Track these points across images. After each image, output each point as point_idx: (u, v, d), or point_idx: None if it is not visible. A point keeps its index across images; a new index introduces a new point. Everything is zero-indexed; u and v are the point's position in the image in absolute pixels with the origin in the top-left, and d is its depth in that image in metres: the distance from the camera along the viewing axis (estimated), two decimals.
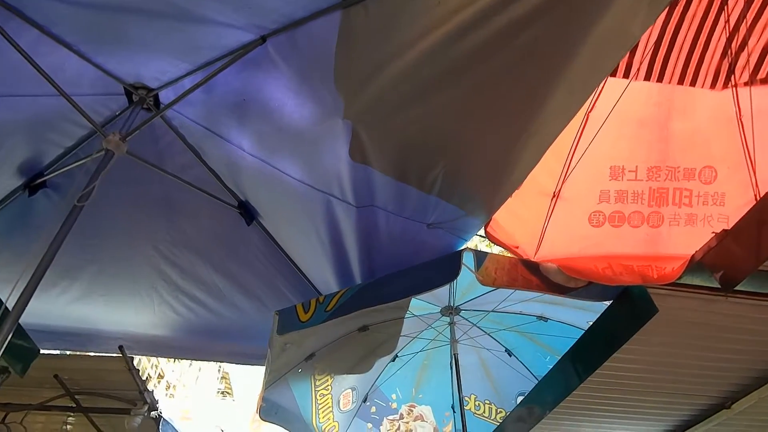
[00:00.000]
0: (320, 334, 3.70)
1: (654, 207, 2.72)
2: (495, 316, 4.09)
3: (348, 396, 4.41)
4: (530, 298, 3.67)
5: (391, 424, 4.67)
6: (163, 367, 18.85)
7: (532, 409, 3.69)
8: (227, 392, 24.43)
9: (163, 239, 3.37)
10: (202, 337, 3.90)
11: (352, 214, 2.82)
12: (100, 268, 3.44)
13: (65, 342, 3.60)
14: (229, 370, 26.92)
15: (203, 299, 3.65)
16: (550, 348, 4.14)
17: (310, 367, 3.99)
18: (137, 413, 3.66)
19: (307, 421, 4.14)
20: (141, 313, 3.69)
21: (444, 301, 4.02)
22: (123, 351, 3.28)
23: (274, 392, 3.81)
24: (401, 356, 4.48)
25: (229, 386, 25.93)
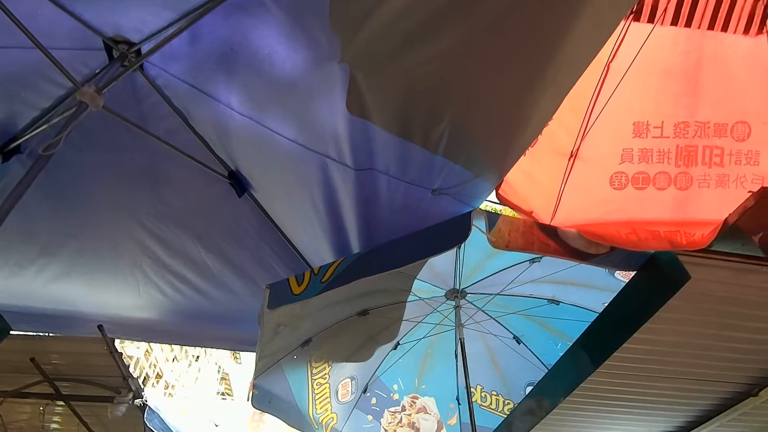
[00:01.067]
0: (317, 318, 3.46)
1: (682, 167, 2.48)
2: (503, 300, 3.85)
3: (347, 386, 4.16)
4: (541, 277, 3.43)
5: (393, 416, 4.42)
6: (162, 367, 18.61)
7: (541, 400, 3.45)
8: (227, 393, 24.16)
9: (147, 212, 3.13)
10: (191, 320, 3.66)
11: (350, 178, 2.59)
12: (80, 245, 3.21)
13: (43, 325, 3.36)
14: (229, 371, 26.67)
15: (191, 279, 3.42)
16: (562, 334, 3.89)
17: (306, 354, 3.75)
18: (121, 401, 3.42)
19: (303, 411, 3.89)
20: (125, 293, 3.45)
21: (449, 284, 3.77)
22: (103, 331, 3.04)
23: (267, 380, 3.57)
24: (403, 344, 4.23)
25: (229, 387, 25.65)
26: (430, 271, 3.56)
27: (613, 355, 2.61)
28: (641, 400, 3.18)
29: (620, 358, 2.65)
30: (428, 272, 3.57)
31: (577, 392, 3.03)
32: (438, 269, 3.57)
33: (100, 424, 4.04)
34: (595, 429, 3.73)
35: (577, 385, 2.97)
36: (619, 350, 2.58)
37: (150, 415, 3.44)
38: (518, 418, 3.83)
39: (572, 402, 3.21)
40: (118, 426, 4.05)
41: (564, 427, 3.77)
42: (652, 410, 3.33)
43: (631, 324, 2.46)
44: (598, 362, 2.74)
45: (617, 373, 2.85)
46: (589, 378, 2.86)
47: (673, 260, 2.21)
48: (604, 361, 2.70)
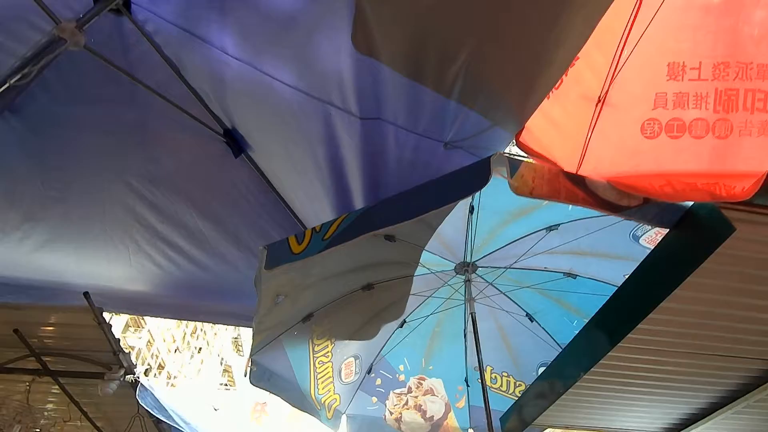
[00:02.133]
0: (318, 290, 3.25)
1: (721, 113, 2.23)
2: (516, 274, 3.63)
3: (350, 366, 3.96)
4: (558, 247, 3.21)
5: (399, 398, 4.22)
6: (164, 358, 18.54)
7: (554, 382, 3.25)
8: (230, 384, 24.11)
9: (137, 174, 2.93)
10: (186, 293, 3.46)
11: (356, 129, 2.37)
12: (66, 209, 3.00)
13: (29, 297, 3.16)
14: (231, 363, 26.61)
15: (185, 248, 3.22)
16: (578, 310, 3.68)
17: (307, 330, 3.55)
18: (112, 378, 3.23)
19: (305, 391, 3.69)
20: (115, 263, 3.25)
21: (458, 256, 3.55)
22: (89, 299, 2.84)
23: (266, 356, 3.37)
24: (410, 322, 4.02)
25: (231, 379, 25.61)
26: (438, 241, 3.34)
27: (636, 327, 2.41)
28: (662, 379, 2.97)
29: (643, 331, 2.44)
30: (437, 243, 3.36)
31: (594, 371, 2.83)
32: (447, 240, 3.36)
33: (91, 402, 3.86)
34: (611, 411, 3.53)
35: (595, 364, 2.77)
36: (643, 322, 2.38)
37: (142, 393, 3.25)
38: (530, 401, 3.63)
39: (588, 382, 3.00)
40: (109, 404, 3.87)
41: (579, 410, 3.57)
42: (673, 390, 3.12)
43: (657, 292, 2.25)
44: (617, 338, 2.54)
45: (639, 348, 2.65)
46: (608, 354, 2.66)
47: (714, 212, 1.99)
48: (626, 335, 2.50)
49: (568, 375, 3.05)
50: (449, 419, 4.30)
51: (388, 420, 4.19)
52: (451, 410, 4.30)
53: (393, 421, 4.20)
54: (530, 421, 3.62)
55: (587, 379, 2.92)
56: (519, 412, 3.76)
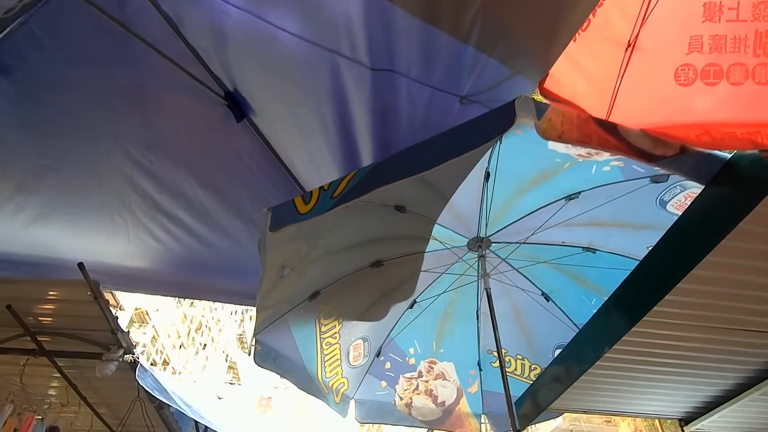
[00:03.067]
0: (325, 265, 3.09)
1: (761, 57, 2.05)
2: (532, 250, 3.46)
3: (359, 348, 3.80)
4: (578, 216, 3.02)
5: (409, 382, 4.06)
6: (169, 354, 18.45)
7: (570, 364, 3.08)
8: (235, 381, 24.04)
9: (134, 140, 2.78)
10: (187, 270, 3.31)
11: (365, 83, 2.21)
12: (60, 179, 2.85)
13: (22, 273, 3.02)
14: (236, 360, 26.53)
15: (186, 221, 3.07)
16: (597, 287, 3.50)
17: (314, 309, 3.39)
18: (110, 358, 3.08)
19: (312, 374, 3.53)
20: (113, 238, 3.10)
21: (472, 230, 3.38)
22: (84, 271, 2.69)
23: (271, 335, 3.21)
24: (420, 302, 3.85)
25: (237, 375, 25.53)
26: (451, 214, 3.17)
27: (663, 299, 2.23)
28: (687, 357, 2.80)
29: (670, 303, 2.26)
30: (449, 216, 3.19)
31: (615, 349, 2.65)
32: (460, 211, 3.19)
33: (90, 387, 3.72)
34: (632, 394, 3.36)
35: (615, 343, 2.60)
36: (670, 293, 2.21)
37: (142, 374, 3.10)
38: (545, 385, 3.45)
39: (608, 361, 2.82)
40: (109, 389, 3.73)
41: (597, 393, 3.40)
42: (698, 370, 2.94)
43: (687, 260, 2.08)
44: (641, 313, 2.36)
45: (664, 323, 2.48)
46: (631, 331, 2.48)
47: (757, 161, 1.82)
48: (650, 308, 2.33)
49: (586, 356, 2.88)
50: (461, 405, 4.13)
51: (398, 405, 4.03)
52: (463, 395, 4.13)
53: (403, 407, 4.04)
54: (546, 406, 3.44)
55: (607, 358, 2.75)
56: (534, 396, 3.58)
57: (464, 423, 4.11)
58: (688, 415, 3.60)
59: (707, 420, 3.47)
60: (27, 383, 3.36)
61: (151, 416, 3.84)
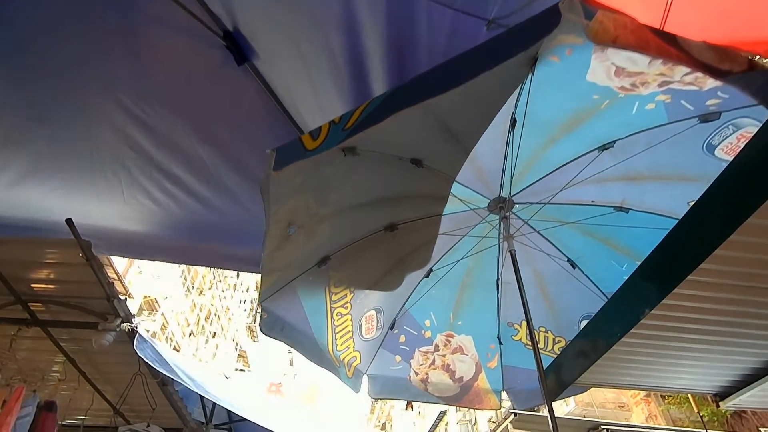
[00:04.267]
0: (336, 226, 2.85)
1: None
2: (558, 211, 3.19)
3: (371, 319, 3.57)
4: (611, 167, 2.75)
5: (424, 357, 3.83)
6: (179, 341, 18.42)
7: (597, 337, 2.82)
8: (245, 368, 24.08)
9: (126, 88, 2.54)
10: (186, 233, 3.09)
11: (380, 8, 1.95)
12: (48, 133, 2.63)
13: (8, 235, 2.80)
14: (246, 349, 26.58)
15: (183, 178, 2.84)
16: (629, 251, 3.23)
17: (323, 276, 3.16)
18: (106, 328, 2.87)
19: (322, 346, 3.31)
20: (107, 199, 2.89)
21: (494, 190, 3.12)
22: (72, 227, 2.47)
23: (278, 303, 2.99)
24: (436, 271, 3.60)
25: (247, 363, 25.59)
26: (472, 169, 2.91)
27: (712, 255, 1.96)
28: (732, 324, 2.53)
29: (718, 260, 2.00)
30: (470, 173, 2.93)
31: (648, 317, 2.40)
32: (482, 166, 2.93)
33: (90, 363, 3.53)
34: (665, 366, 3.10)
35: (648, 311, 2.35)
36: (721, 247, 1.94)
37: (141, 344, 2.89)
38: (570, 359, 3.20)
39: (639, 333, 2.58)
40: (110, 364, 3.55)
41: (628, 367, 3.15)
42: (742, 339, 2.68)
43: (741, 208, 1.80)
44: (677, 278, 2.10)
45: (710, 284, 2.21)
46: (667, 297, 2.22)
47: None
48: (695, 267, 2.06)
49: (615, 328, 2.62)
50: (480, 380, 3.90)
51: (413, 381, 3.80)
52: (482, 371, 3.90)
53: (419, 382, 3.81)
54: (571, 381, 3.18)
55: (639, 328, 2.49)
56: (558, 371, 3.33)
57: (483, 399, 3.88)
58: (724, 390, 3.34)
59: (745, 395, 3.21)
60: (22, 357, 3.17)
61: (154, 393, 3.65)
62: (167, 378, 3.66)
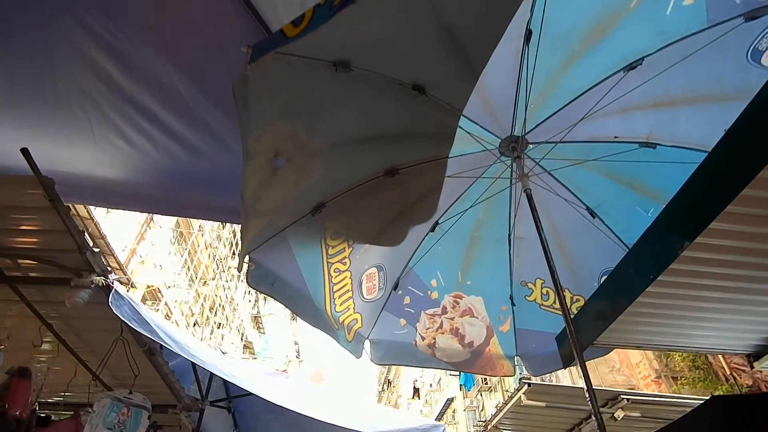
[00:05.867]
0: (330, 163, 2.56)
1: None
2: (577, 150, 2.88)
3: (373, 278, 3.28)
4: (637, 89, 2.43)
5: (431, 320, 3.54)
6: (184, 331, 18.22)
7: (618, 293, 2.53)
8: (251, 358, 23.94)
9: (90, 5, 2.24)
10: (166, 180, 2.80)
11: None
12: (6, 64, 2.34)
13: None
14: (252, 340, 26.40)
15: (161, 116, 2.54)
16: (656, 194, 2.92)
17: (318, 226, 2.87)
18: (79, 284, 2.60)
19: (319, 305, 3.03)
20: (76, 140, 2.60)
21: (505, 127, 2.81)
22: (29, 158, 2.18)
23: (268, 254, 2.71)
24: (442, 223, 3.30)
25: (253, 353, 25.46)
26: (480, 100, 2.60)
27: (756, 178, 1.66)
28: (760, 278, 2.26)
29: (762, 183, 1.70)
30: (478, 104, 2.62)
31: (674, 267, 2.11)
32: (492, 95, 2.62)
33: (70, 330, 3.27)
34: (693, 322, 2.82)
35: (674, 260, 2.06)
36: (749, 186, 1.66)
37: (118, 301, 2.62)
38: (589, 318, 2.91)
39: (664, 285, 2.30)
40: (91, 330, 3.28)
41: (651, 325, 2.88)
42: None
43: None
44: (706, 220, 1.82)
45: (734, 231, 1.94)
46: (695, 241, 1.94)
47: None
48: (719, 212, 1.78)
49: (638, 281, 2.34)
50: (492, 345, 3.61)
51: (420, 346, 3.52)
52: (493, 335, 3.61)
53: (425, 347, 3.53)
54: (590, 342, 2.89)
55: (664, 281, 2.21)
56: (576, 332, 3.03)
57: (496, 365, 3.60)
58: (758, 349, 3.06)
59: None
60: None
61: (144, 366, 3.38)
62: (155, 347, 3.39)
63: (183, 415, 4.34)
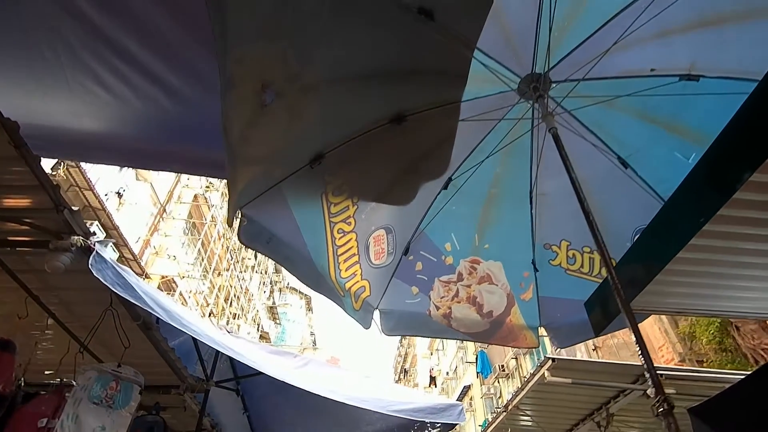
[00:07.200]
0: (327, 103, 2.27)
1: None
2: (607, 88, 2.55)
3: (381, 240, 3.00)
4: (674, 5, 2.09)
5: (446, 288, 3.25)
6: None
7: (653, 252, 2.22)
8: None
9: None
10: (150, 131, 2.55)
11: None
12: None
13: None
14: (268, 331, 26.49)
15: (139, 56, 2.28)
16: (699, 135, 2.57)
17: (318, 180, 2.60)
18: (59, 247, 2.36)
19: (322, 270, 2.76)
20: (49, 87, 2.35)
21: (525, 65, 2.49)
22: None
23: (262, 210, 2.45)
24: (456, 179, 3.00)
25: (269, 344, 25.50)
26: (498, 28, 2.29)
27: None
28: None
29: None
30: (495, 34, 2.30)
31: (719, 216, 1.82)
32: (511, 25, 2.31)
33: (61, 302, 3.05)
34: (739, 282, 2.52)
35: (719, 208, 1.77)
36: None
37: (100, 264, 2.38)
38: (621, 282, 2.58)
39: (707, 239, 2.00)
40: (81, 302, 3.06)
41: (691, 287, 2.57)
42: None
43: None
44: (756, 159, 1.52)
45: None
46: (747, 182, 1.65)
47: None
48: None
49: (676, 236, 2.04)
50: (513, 316, 3.31)
51: (434, 316, 3.24)
52: (514, 304, 3.31)
53: (440, 317, 3.24)
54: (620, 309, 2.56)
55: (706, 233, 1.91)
56: (606, 297, 2.72)
57: (518, 336, 3.30)
58: None
59: None
60: None
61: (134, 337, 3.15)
62: (150, 320, 3.16)
63: (187, 396, 4.12)
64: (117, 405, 2.65)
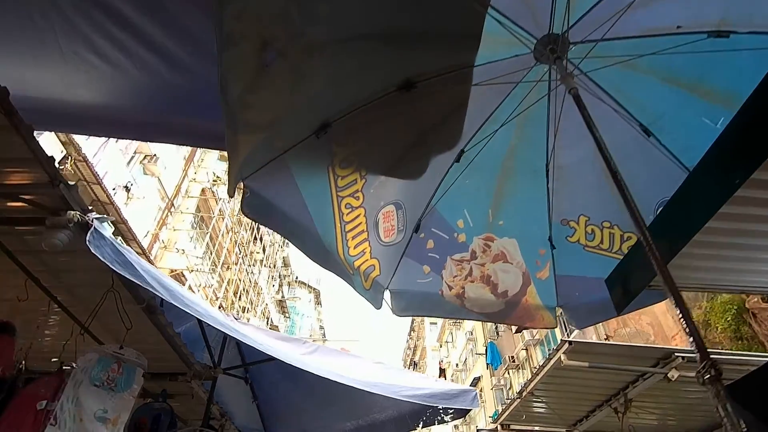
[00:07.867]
0: (333, 67, 2.16)
1: None
2: (627, 48, 2.40)
3: (390, 217, 2.88)
4: None
5: (459, 267, 3.12)
6: None
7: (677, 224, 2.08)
8: None
9: None
10: (150, 102, 2.45)
11: None
12: None
13: None
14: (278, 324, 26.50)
15: (135, 20, 2.17)
16: (728, 97, 2.40)
17: (325, 151, 2.48)
18: (56, 224, 2.26)
19: (330, 247, 2.65)
20: (42, 56, 2.25)
21: (541, 25, 2.34)
22: None
23: (266, 183, 2.33)
24: (469, 152, 2.87)
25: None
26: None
27: None
28: None
29: None
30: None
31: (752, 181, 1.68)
32: None
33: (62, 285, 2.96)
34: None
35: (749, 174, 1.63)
36: None
37: (98, 241, 2.28)
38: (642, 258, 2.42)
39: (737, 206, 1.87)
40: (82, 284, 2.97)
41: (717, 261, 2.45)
42: None
43: None
44: None
45: None
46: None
47: None
48: None
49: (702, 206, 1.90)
50: (529, 295, 3.18)
51: (447, 296, 3.11)
52: (530, 283, 3.17)
53: (453, 297, 3.12)
54: (644, 285, 2.43)
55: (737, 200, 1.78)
56: (628, 274, 2.58)
57: (535, 317, 3.17)
58: None
59: None
60: None
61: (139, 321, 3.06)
62: (154, 304, 3.07)
63: (195, 383, 4.04)
64: (119, 388, 2.56)
